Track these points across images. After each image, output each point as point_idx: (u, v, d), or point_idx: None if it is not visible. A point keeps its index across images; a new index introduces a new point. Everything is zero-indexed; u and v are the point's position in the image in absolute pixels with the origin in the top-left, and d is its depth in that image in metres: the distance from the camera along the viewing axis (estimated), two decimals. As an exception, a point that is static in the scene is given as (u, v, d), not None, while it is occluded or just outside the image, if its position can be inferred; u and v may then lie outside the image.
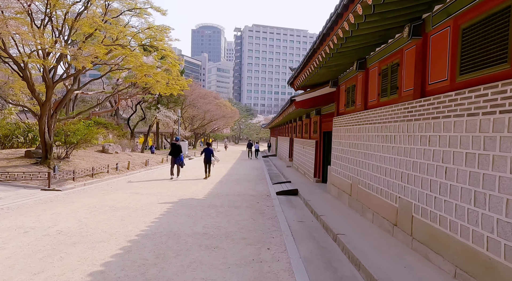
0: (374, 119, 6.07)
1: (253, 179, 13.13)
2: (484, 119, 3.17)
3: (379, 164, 5.70)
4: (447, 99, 3.76)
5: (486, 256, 3.03)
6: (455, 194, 3.52)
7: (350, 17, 4.07)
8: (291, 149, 20.98)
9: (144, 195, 8.29)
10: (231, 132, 66.60)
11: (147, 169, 16.38)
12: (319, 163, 11.68)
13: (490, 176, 3.05)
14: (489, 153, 3.07)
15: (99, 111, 14.71)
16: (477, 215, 3.17)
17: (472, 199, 3.25)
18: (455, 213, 3.50)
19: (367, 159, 6.32)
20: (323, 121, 11.46)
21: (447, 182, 3.66)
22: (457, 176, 3.50)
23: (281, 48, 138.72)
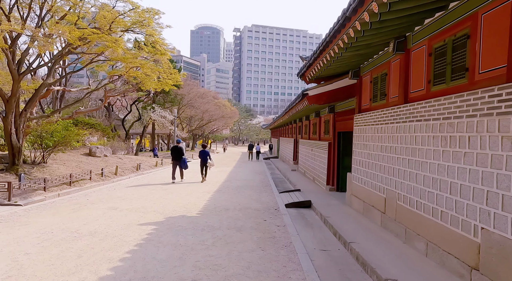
0: (424, 115, 4.50)
1: (256, 186, 11.55)
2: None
3: (436, 177, 4.13)
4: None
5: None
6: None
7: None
8: (295, 151, 19.41)
9: (123, 212, 6.70)
10: (231, 133, 64.99)
11: (138, 174, 14.80)
12: (333, 169, 10.11)
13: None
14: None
15: (84, 110, 13.15)
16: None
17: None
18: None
19: (413, 168, 4.75)
20: (338, 120, 9.89)
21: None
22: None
23: (280, 49, 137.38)
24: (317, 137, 12.76)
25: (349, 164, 9.63)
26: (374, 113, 6.47)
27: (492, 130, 3.21)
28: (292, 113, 12.58)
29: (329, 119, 11.01)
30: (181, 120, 33.59)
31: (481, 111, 3.37)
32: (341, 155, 9.84)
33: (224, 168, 18.61)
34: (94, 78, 19.37)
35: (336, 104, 9.95)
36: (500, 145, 3.09)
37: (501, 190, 3.04)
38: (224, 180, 13.07)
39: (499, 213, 3.05)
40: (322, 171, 11.01)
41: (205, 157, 12.57)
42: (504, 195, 3.00)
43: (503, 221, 3.00)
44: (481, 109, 3.37)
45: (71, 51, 9.72)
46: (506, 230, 2.95)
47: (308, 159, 13.85)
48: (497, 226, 3.07)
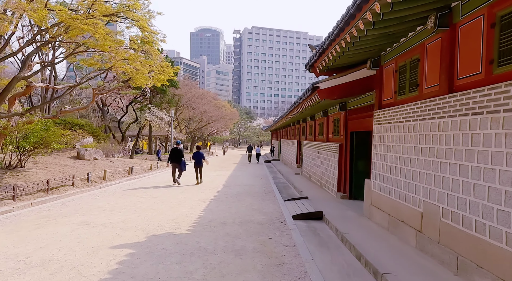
0: (488, 105, 3.36)
1: (257, 193, 10.39)
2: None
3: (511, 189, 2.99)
4: None
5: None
6: None
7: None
8: (299, 154, 18.26)
9: (96, 228, 5.52)
10: (231, 135, 63.86)
11: (130, 179, 13.64)
12: (345, 174, 8.95)
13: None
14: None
15: (70, 109, 12.01)
16: None
17: None
18: None
19: (468, 177, 3.60)
20: (351, 119, 8.74)
21: None
22: None
23: (280, 50, 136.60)
24: (325, 138, 11.62)
25: (364, 168, 8.49)
26: (401, 108, 5.33)
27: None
28: (297, 111, 11.45)
29: (339, 118, 9.87)
30: (179, 122, 32.47)
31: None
32: (354, 158, 8.69)
33: (223, 172, 17.45)
34: (82, 75, 18.20)
35: (348, 100, 8.81)
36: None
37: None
38: (223, 186, 11.91)
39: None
40: (332, 176, 9.86)
41: (199, 158, 12.36)
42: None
43: None
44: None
45: (50, 41, 8.59)
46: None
47: (314, 163, 12.70)
48: None
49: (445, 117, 4.08)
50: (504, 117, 3.13)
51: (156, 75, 9.97)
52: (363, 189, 8.64)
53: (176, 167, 12.05)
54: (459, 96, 3.83)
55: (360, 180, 8.59)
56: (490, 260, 3.21)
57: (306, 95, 7.85)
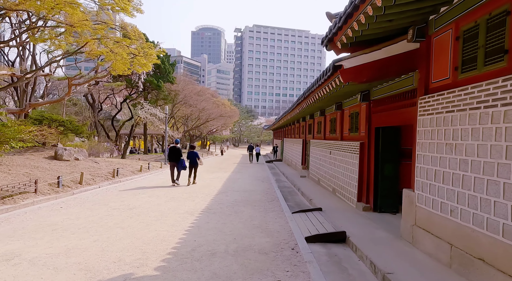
0: None
1: (259, 201, 8.65)
2: None
3: None
4: None
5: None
6: None
7: None
8: (304, 154, 16.52)
9: (14, 270, 3.74)
10: (231, 134, 62.09)
11: (113, 183, 11.91)
12: (368, 180, 7.21)
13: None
14: None
15: (42, 102, 10.38)
16: None
17: None
18: None
19: None
20: (377, 111, 6.98)
21: None
22: None
23: (282, 49, 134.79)
24: (338, 136, 9.86)
25: (392, 173, 6.74)
26: (474, 88, 3.59)
27: None
28: (306, 104, 9.69)
29: (358, 111, 8.12)
30: (176, 120, 30.76)
31: None
32: (380, 160, 6.94)
33: (221, 174, 15.72)
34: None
35: (373, 88, 7.06)
36: None
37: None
38: (218, 191, 10.18)
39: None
40: (349, 182, 8.10)
41: (194, 158, 11.91)
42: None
43: None
44: None
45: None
46: None
47: (324, 164, 10.95)
48: None
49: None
50: None
51: (138, 60, 8.23)
52: (392, 200, 6.91)
53: (174, 167, 11.62)
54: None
55: (389, 188, 6.85)
56: None
57: (321, 80, 6.11)
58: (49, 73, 9.36)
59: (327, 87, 6.32)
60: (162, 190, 10.22)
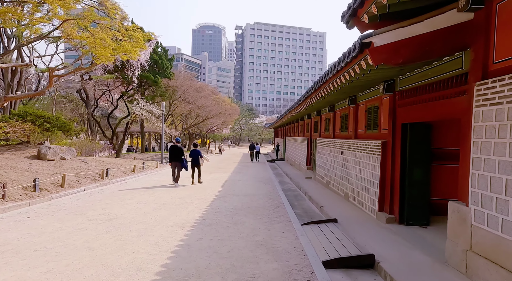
0: None
1: (262, 208, 7.54)
2: None
3: None
4: None
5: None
6: None
7: None
8: (309, 154, 15.40)
9: None
10: (231, 133, 60.97)
11: (102, 185, 10.81)
12: (392, 186, 6.07)
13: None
14: None
15: (18, 95, 9.27)
16: None
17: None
18: None
19: None
20: (404, 104, 5.84)
21: None
22: None
23: (283, 47, 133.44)
24: (352, 134, 8.73)
25: (423, 178, 5.63)
26: None
27: None
28: (315, 98, 8.55)
29: (378, 105, 6.98)
30: (174, 117, 29.63)
31: None
32: (408, 163, 5.81)
33: (220, 175, 14.59)
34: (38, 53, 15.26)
35: (399, 76, 5.92)
36: None
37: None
38: (216, 196, 9.06)
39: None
40: (368, 188, 6.97)
41: (196, 157, 11.50)
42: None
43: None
44: None
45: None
46: None
47: (335, 166, 9.83)
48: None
49: None
50: None
51: (123, 46, 7.09)
52: (422, 210, 5.78)
53: (176, 166, 11.18)
54: None
55: (418, 196, 5.73)
56: None
57: (342, 64, 4.96)
58: (29, 63, 8.26)
59: (347, 73, 5.17)
60: (153, 194, 9.10)
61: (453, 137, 6.10)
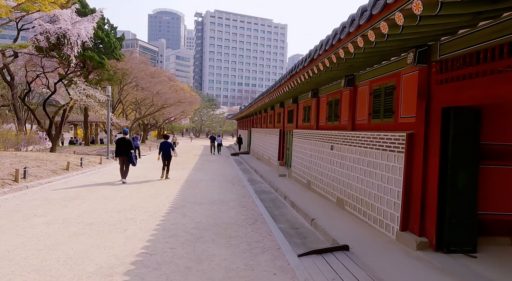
0: None
1: (235, 225, 5.46)
2: None
3: None
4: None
5: None
6: None
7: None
8: (282, 148, 13.55)
9: None
10: (191, 124, 57.64)
11: (14, 190, 7.93)
12: (424, 197, 4.29)
13: None
14: None
15: None
16: None
17: None
18: None
19: None
20: (447, 80, 4.02)
21: None
22: None
23: (244, 37, 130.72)
24: (347, 124, 6.90)
25: (469, 185, 3.93)
26: None
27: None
28: (298, 80, 6.53)
29: (394, 84, 5.17)
30: (126, 105, 26.16)
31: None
32: (450, 165, 4.06)
33: (177, 173, 12.16)
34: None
35: (440, 39, 4.09)
36: None
37: None
38: (172, 206, 6.77)
39: None
40: (382, 197, 5.16)
41: (167, 149, 10.66)
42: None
43: None
44: None
45: None
46: None
47: (320, 163, 8.00)
48: None
49: None
50: None
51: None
52: (468, 231, 4.08)
53: (124, 161, 9.79)
54: None
55: (463, 211, 4.02)
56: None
57: (354, 26, 2.99)
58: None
59: (362, 37, 3.20)
60: (80, 205, 6.55)
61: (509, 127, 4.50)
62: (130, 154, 9.85)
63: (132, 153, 9.92)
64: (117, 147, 9.93)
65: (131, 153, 9.88)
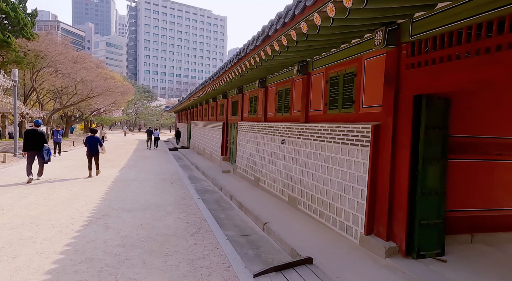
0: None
1: (173, 236, 4.45)
2: None
3: None
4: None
5: None
6: None
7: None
8: (225, 142, 12.65)
9: None
10: (125, 116, 53.11)
11: None
12: (391, 197, 3.82)
13: None
14: None
15: None
16: None
17: None
18: None
19: None
20: (420, 63, 3.54)
21: None
22: None
23: (183, 27, 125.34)
24: (300, 116, 6.29)
25: (439, 182, 3.55)
26: None
27: None
28: (246, 66, 5.70)
29: (355, 70, 4.64)
30: (41, 93, 22.50)
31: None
32: (421, 160, 3.63)
33: (105, 171, 10.43)
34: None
35: (417, 16, 3.59)
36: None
37: None
38: (91, 215, 5.42)
39: None
40: (343, 196, 4.62)
41: (94, 145, 9.50)
42: None
43: None
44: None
45: None
46: None
47: (270, 158, 7.33)
48: None
49: None
50: None
51: None
52: (437, 232, 3.72)
53: (34, 157, 8.43)
54: None
55: (432, 210, 3.64)
56: None
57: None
58: None
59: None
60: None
61: (477, 118, 4.24)
62: (42, 149, 8.46)
63: (45, 147, 8.59)
64: (26, 140, 8.38)
65: (43, 148, 8.51)
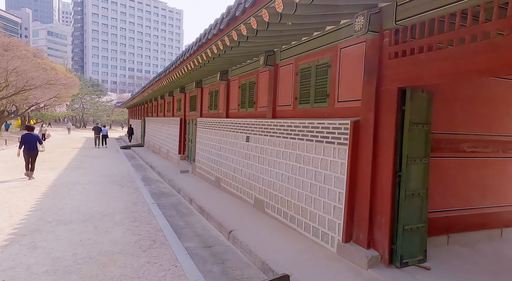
0: None
1: (121, 255, 3.70)
2: None
3: None
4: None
5: None
6: None
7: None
8: (184, 139, 11.78)
9: None
10: (70, 112, 48.77)
11: None
12: (372, 201, 3.46)
13: None
14: None
15: None
16: None
17: None
18: None
19: None
20: (406, 52, 3.19)
21: None
22: None
23: (135, 18, 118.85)
24: (266, 111, 5.77)
25: (423, 182, 3.28)
26: None
27: None
28: (209, 53, 5.04)
29: (329, 61, 4.23)
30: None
31: None
32: (405, 160, 3.30)
33: (43, 175, 9.04)
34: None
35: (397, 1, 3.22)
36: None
37: None
38: (16, 230, 4.42)
39: None
40: (317, 199, 4.19)
41: (32, 143, 8.41)
42: None
43: None
44: None
45: None
46: None
47: (233, 157, 6.75)
48: None
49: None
50: None
51: None
52: (420, 238, 3.43)
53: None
54: None
55: (417, 214, 3.36)
56: None
57: None
58: None
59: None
60: None
61: (452, 113, 4.04)
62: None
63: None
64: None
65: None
